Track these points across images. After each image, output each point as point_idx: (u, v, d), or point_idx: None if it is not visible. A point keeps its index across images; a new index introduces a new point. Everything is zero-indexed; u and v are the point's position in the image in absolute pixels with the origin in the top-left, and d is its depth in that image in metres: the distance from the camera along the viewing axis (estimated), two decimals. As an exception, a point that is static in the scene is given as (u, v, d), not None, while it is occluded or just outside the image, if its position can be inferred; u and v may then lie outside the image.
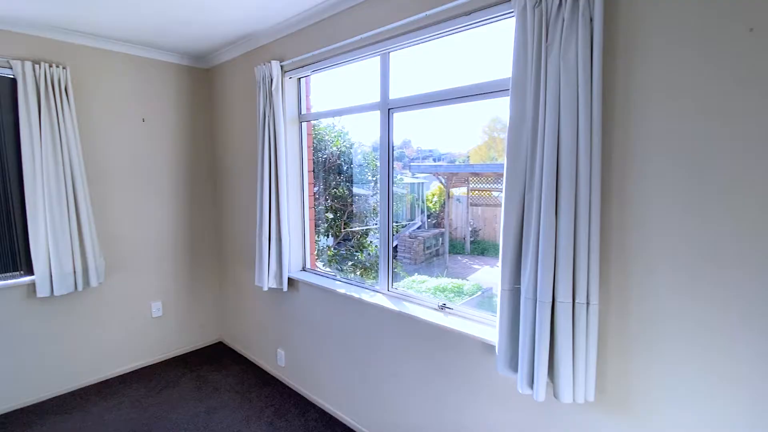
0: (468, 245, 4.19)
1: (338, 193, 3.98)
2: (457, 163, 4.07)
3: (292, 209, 2.78)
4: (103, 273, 2.90)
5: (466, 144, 3.74)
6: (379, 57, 2.16)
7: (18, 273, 2.61)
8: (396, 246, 3.83)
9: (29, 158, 2.53)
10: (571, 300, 1.39)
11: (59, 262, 2.65)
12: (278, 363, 2.98)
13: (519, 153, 1.50)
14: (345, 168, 3.96)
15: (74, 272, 2.72)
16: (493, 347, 1.72)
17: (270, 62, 2.59)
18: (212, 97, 3.39)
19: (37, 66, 2.51)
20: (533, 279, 1.46)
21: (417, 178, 4.49)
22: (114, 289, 3.02)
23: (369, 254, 3.99)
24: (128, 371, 3.12)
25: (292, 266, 2.82)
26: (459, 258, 4.19)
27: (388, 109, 2.17)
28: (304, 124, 2.79)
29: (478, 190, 4.14)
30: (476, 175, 4.06)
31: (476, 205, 4.15)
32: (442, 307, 2.03)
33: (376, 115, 2.23)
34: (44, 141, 2.55)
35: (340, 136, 3.98)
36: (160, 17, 2.42)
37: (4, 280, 2.56)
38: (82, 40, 2.71)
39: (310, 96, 2.84)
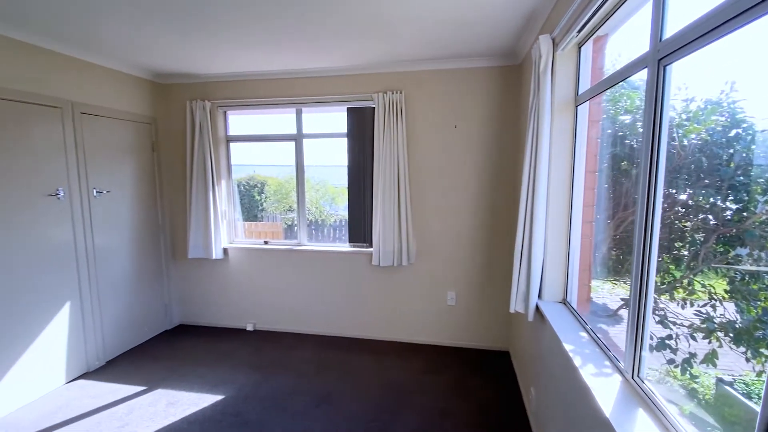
0: None
1: (699, 204, 2.60)
2: None
3: (552, 220, 2.17)
4: (414, 256, 3.52)
5: None
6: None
7: (366, 244, 3.70)
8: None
9: (378, 163, 3.48)
10: None
11: (384, 241, 3.49)
12: (531, 402, 2.48)
13: None
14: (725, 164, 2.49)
15: (393, 251, 3.50)
16: None
17: (538, 38, 2.11)
18: (520, 93, 3.18)
19: (384, 95, 3.38)
20: None
21: None
22: (420, 271, 3.60)
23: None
24: (415, 343, 3.65)
25: (545, 292, 2.22)
26: None
27: None
28: (584, 109, 2.07)
29: None
30: None
31: None
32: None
33: None
34: (384, 149, 3.41)
35: (719, 110, 2.54)
36: (456, 34, 2.57)
37: (360, 247, 3.72)
38: (412, 67, 3.35)
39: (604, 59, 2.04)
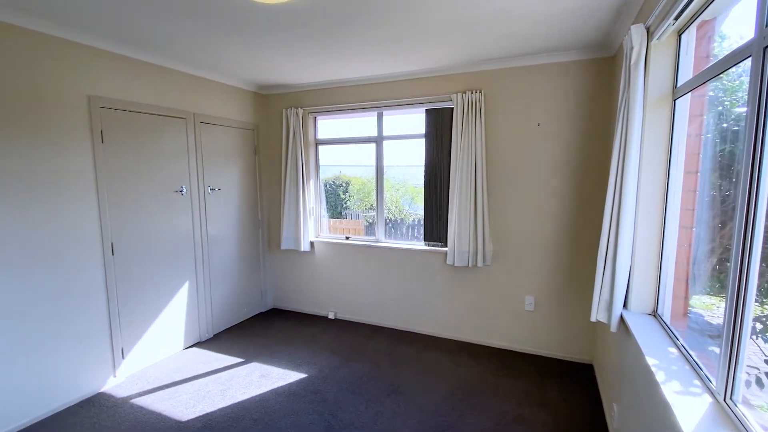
0: None
1: None
2: None
3: (641, 224, 2.00)
4: (490, 258, 3.47)
5: None
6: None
7: (440, 243, 3.74)
8: None
9: (455, 163, 3.50)
10: None
11: (459, 241, 3.50)
12: (613, 420, 2.31)
13: None
14: None
15: (468, 252, 3.49)
16: None
17: (630, 28, 1.96)
18: (612, 87, 2.94)
19: (463, 94, 3.39)
20: None
21: None
22: (496, 273, 3.53)
23: None
24: (489, 346, 3.58)
25: (632, 302, 2.06)
26: None
27: None
28: (682, 102, 1.87)
29: None
30: None
31: None
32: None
33: None
34: (462, 149, 3.42)
35: None
36: (542, 28, 2.51)
37: (435, 246, 3.77)
38: (491, 66, 3.30)
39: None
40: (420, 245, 3.87)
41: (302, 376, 3.08)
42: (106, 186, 2.85)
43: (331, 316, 4.31)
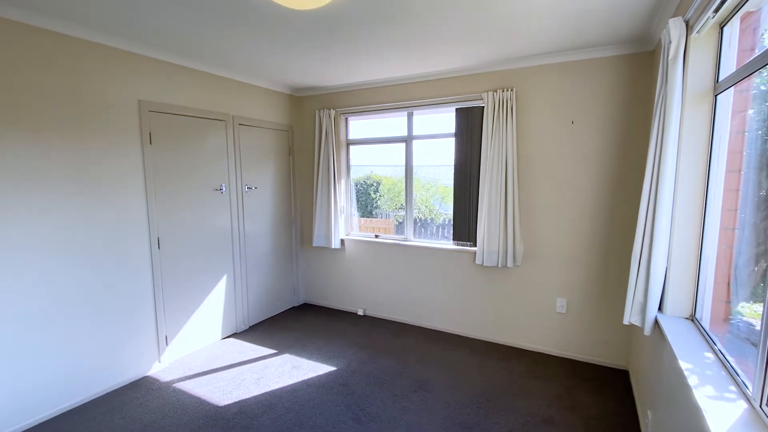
0: None
1: None
2: None
3: (679, 224, 1.93)
4: (520, 258, 3.43)
5: None
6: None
7: (469, 243, 3.73)
8: None
9: (485, 162, 3.48)
10: None
11: (489, 241, 3.48)
12: (647, 427, 2.23)
13: None
14: None
15: (498, 252, 3.46)
16: None
17: (667, 22, 1.90)
18: (652, 82, 2.83)
19: (494, 93, 3.36)
20: None
21: None
22: (527, 274, 3.48)
23: None
24: (518, 347, 3.53)
25: (668, 305, 1.99)
26: None
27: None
28: (724, 98, 1.79)
29: None
30: None
31: None
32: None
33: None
34: (492, 148, 3.40)
35: None
36: (579, 24, 2.47)
37: (464, 245, 3.77)
38: (524, 63, 3.26)
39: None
40: (449, 244, 3.88)
41: (331, 368, 3.18)
42: (153, 184, 3.06)
43: (360, 312, 4.40)
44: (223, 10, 2.26)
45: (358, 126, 4.46)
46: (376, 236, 4.33)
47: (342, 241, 4.42)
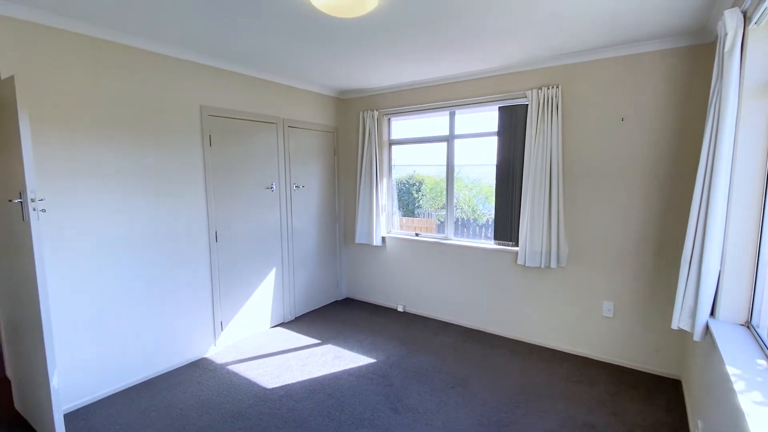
0: None
1: None
2: None
3: (734, 225, 1.84)
4: (565, 259, 3.36)
5: None
6: None
7: (511, 243, 3.69)
8: None
9: (528, 160, 3.44)
10: None
11: (532, 241, 3.43)
12: (697, 439, 2.13)
13: None
14: None
15: (541, 252, 3.40)
16: None
17: (723, 13, 1.81)
18: (710, 76, 2.66)
19: (539, 90, 3.32)
20: None
21: None
22: (571, 275, 3.39)
23: None
24: (561, 350, 3.44)
25: (721, 311, 1.89)
26: None
27: None
28: (788, 91, 1.68)
29: None
30: None
31: None
32: None
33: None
34: (536, 146, 3.35)
35: None
36: (631, 16, 2.41)
37: (505, 245, 3.74)
38: (570, 59, 3.18)
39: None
40: (489, 244, 3.86)
41: (371, 360, 3.30)
42: (212, 183, 3.35)
43: (400, 308, 4.49)
44: (279, 23, 2.45)
45: (401, 126, 4.55)
46: (417, 234, 4.40)
47: (383, 238, 4.54)
